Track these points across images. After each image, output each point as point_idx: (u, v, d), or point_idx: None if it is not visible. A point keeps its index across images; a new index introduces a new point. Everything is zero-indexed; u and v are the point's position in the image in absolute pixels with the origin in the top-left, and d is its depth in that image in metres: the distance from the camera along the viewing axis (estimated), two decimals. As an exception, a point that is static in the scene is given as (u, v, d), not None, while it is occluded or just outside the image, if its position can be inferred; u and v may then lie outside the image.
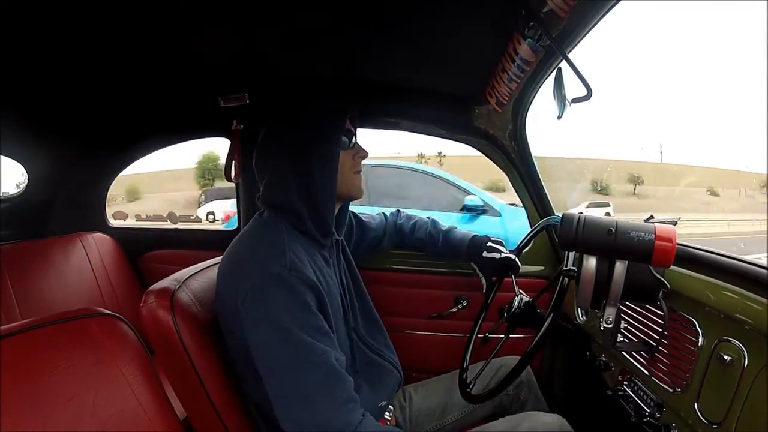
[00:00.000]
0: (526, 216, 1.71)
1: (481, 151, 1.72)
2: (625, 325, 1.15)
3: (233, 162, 1.51)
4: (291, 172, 1.04)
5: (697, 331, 0.90)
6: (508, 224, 4.26)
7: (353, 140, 1.13)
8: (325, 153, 1.04)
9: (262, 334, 0.89)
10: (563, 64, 1.02)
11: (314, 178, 1.03)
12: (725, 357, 0.81)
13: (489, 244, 1.39)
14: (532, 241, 1.42)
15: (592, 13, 0.86)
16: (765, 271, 0.83)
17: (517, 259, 1.35)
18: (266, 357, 0.90)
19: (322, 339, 0.91)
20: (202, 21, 1.08)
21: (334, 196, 1.07)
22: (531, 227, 1.49)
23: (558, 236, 0.90)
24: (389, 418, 1.20)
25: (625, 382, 1.13)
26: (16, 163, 1.86)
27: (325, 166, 1.04)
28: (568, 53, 0.96)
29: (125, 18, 1.03)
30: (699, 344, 0.89)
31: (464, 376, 1.23)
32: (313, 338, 0.89)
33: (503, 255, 1.36)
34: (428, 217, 1.55)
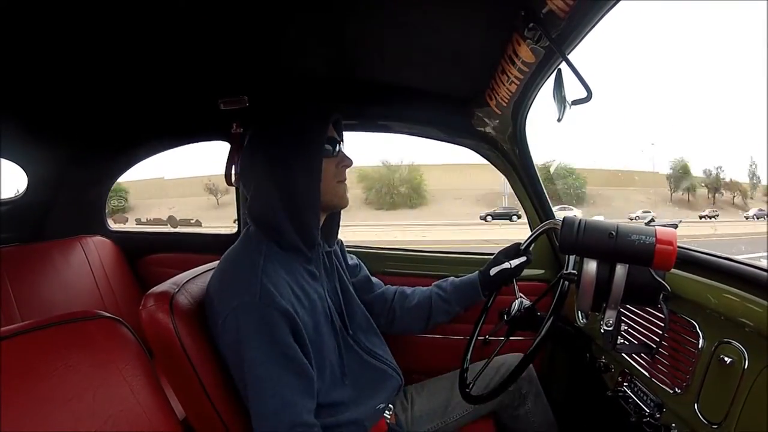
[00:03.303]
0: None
1: (480, 154, 1.72)
2: (626, 328, 1.15)
3: (233, 166, 1.51)
4: (273, 183, 1.02)
5: (698, 333, 0.90)
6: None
7: (337, 148, 1.10)
8: (307, 163, 1.02)
9: (236, 356, 0.94)
10: (563, 66, 1.02)
11: (297, 189, 1.01)
12: (726, 359, 0.81)
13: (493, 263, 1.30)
14: (533, 245, 1.42)
15: (592, 13, 0.86)
16: (765, 273, 0.83)
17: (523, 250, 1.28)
18: (241, 355, 0.93)
19: (291, 350, 0.94)
20: (201, 23, 1.08)
21: (318, 208, 1.05)
22: (531, 230, 1.49)
23: (559, 240, 0.90)
24: (389, 417, 1.20)
25: (625, 383, 1.13)
26: (16, 166, 1.86)
27: (307, 176, 1.02)
28: (568, 54, 0.96)
29: (125, 20, 1.03)
30: (699, 346, 0.89)
31: (464, 377, 1.22)
32: (284, 350, 0.93)
33: (513, 263, 1.27)
34: None
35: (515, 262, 1.26)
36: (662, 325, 0.99)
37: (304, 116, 1.07)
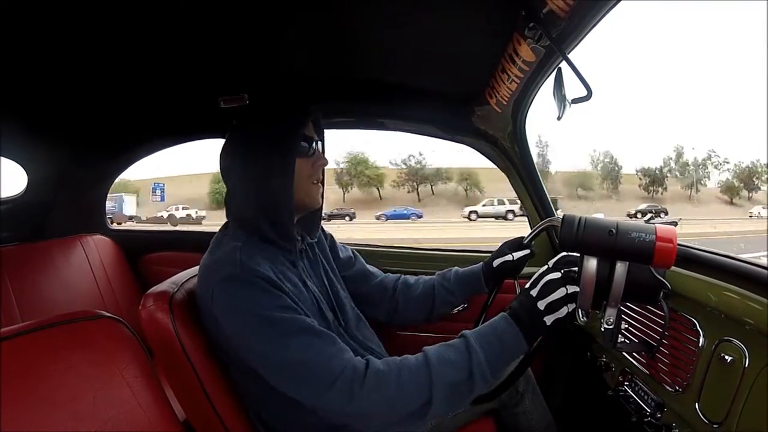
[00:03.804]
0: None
1: (480, 152, 1.72)
2: (626, 326, 1.15)
3: None
4: (247, 182, 1.01)
5: (698, 331, 0.90)
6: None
7: (313, 147, 1.08)
8: (281, 162, 1.00)
9: (236, 324, 0.90)
10: (563, 65, 1.02)
11: (270, 189, 1.00)
12: (726, 357, 0.81)
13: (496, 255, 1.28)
14: (534, 241, 1.41)
15: (592, 13, 0.86)
16: (765, 271, 0.83)
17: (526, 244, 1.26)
18: (249, 344, 0.90)
19: (290, 312, 0.91)
20: (201, 22, 1.08)
21: (292, 207, 1.03)
22: (531, 228, 1.49)
23: (559, 237, 0.90)
24: None
25: (625, 383, 1.13)
26: (16, 164, 1.86)
27: (280, 175, 1.00)
28: (568, 53, 0.96)
29: (124, 19, 1.03)
30: (700, 344, 0.89)
31: None
32: (282, 313, 0.89)
33: (516, 255, 1.25)
34: None
35: (518, 255, 1.24)
36: (663, 323, 0.99)
37: (281, 114, 1.04)
